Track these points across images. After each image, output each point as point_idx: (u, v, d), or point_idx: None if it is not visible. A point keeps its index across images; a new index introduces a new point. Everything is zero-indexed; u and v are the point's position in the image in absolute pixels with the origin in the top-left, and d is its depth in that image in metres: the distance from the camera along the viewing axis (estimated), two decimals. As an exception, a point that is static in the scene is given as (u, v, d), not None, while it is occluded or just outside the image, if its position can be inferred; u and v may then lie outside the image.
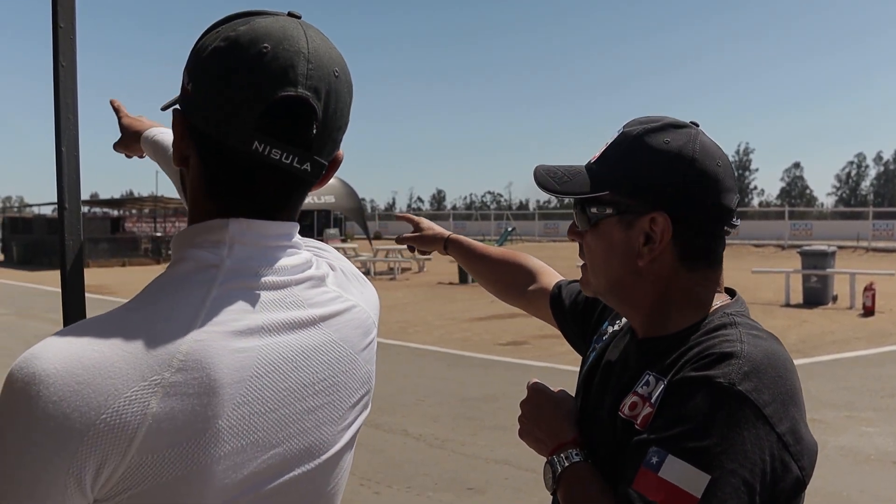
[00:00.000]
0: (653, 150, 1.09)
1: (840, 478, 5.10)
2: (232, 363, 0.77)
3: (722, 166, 1.11)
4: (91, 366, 0.71)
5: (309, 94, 0.81)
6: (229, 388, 0.77)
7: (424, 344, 10.34)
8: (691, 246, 1.11)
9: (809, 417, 1.08)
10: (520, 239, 40.35)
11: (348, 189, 26.75)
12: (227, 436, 0.77)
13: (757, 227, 35.81)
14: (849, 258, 23.52)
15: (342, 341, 0.92)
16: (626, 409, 1.07)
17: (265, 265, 0.84)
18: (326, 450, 0.90)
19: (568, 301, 1.53)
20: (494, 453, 5.53)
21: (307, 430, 0.86)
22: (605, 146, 1.16)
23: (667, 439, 0.96)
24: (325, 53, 0.84)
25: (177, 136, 0.87)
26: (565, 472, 1.10)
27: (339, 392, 0.91)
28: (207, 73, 0.82)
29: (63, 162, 1.19)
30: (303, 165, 0.83)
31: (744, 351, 0.99)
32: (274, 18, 0.84)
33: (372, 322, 1.00)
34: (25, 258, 27.59)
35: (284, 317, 0.84)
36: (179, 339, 0.75)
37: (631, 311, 1.17)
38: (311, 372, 0.87)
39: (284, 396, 0.83)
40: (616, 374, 1.18)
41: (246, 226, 0.84)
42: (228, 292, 0.81)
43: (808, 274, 13.63)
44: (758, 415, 0.95)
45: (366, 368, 0.97)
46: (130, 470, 0.72)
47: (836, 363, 8.81)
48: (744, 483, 0.91)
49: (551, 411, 1.19)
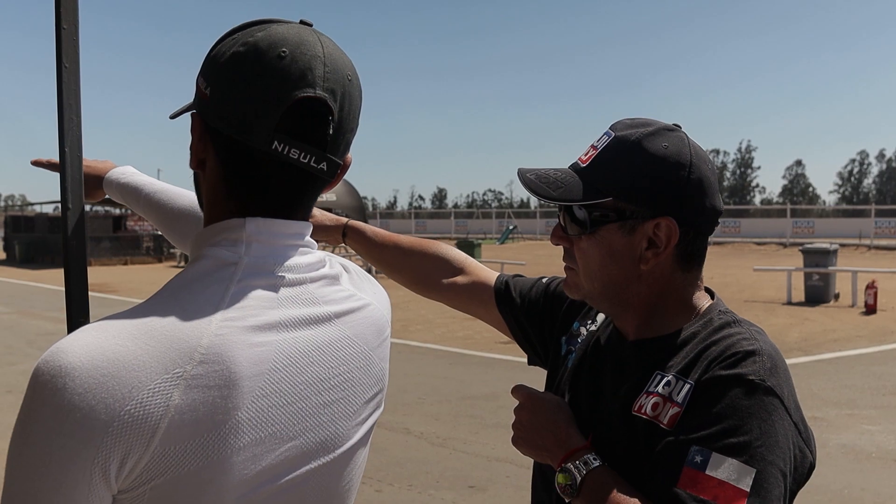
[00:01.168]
0: (653, 156, 1.10)
1: (842, 476, 5.10)
2: (251, 357, 0.80)
3: (711, 169, 1.14)
4: (115, 359, 0.74)
5: (326, 96, 0.85)
6: (248, 380, 0.79)
7: (426, 342, 10.35)
8: (690, 248, 1.14)
9: (811, 415, 1.11)
10: (521, 237, 40.32)
11: (349, 187, 26.71)
12: (247, 428, 0.79)
13: (759, 225, 35.79)
14: (851, 256, 23.49)
15: (357, 338, 0.94)
16: (648, 409, 1.06)
17: (281, 262, 0.88)
18: (342, 444, 0.92)
19: (519, 298, 1.49)
20: (496, 451, 5.54)
21: (323, 424, 0.89)
22: (594, 150, 1.15)
23: (707, 437, 0.98)
24: (339, 58, 0.88)
25: (195, 139, 0.90)
26: (588, 477, 1.06)
27: (354, 387, 0.94)
28: (227, 77, 0.85)
29: (66, 163, 1.19)
30: (319, 164, 0.86)
31: (763, 349, 1.04)
32: (289, 26, 0.88)
33: (386, 320, 1.03)
34: (27, 256, 27.62)
35: (301, 313, 0.87)
36: (200, 334, 0.78)
37: (624, 314, 1.17)
38: (327, 367, 0.89)
39: (301, 390, 0.86)
40: (609, 375, 1.17)
41: (263, 225, 0.87)
42: (246, 288, 0.84)
43: (809, 272, 13.62)
44: (783, 407, 1.01)
45: (380, 366, 1.00)
46: (154, 461, 0.74)
47: (838, 361, 8.81)
48: (780, 471, 0.97)
49: (552, 418, 1.16)
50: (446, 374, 8.53)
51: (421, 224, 48.46)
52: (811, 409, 6.56)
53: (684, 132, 1.15)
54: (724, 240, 32.24)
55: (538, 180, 1.17)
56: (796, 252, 16.41)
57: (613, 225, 1.12)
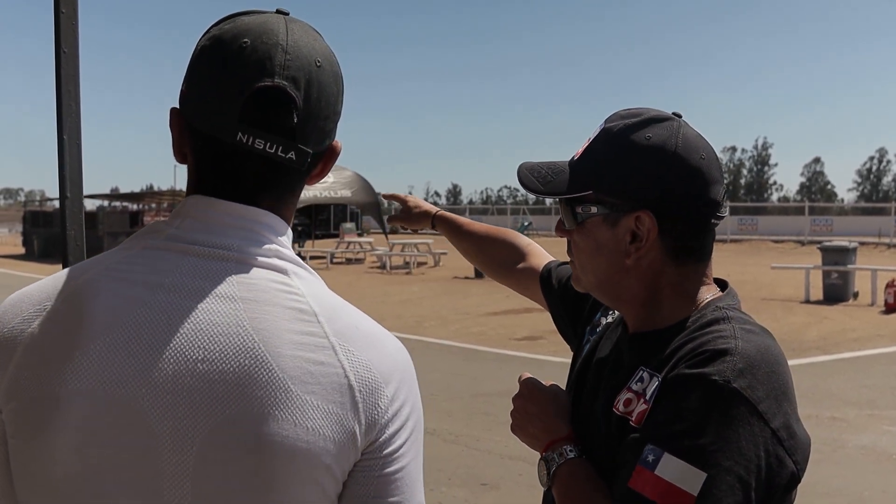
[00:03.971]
0: (634, 147, 1.08)
1: (861, 477, 5.02)
2: (112, 306, 0.81)
3: (706, 158, 1.09)
4: (23, 293, 0.86)
5: (286, 84, 0.84)
6: (101, 329, 0.80)
7: (439, 338, 10.32)
8: (679, 241, 1.10)
9: (830, 416, 1.05)
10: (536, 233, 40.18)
11: (365, 183, 26.73)
12: (86, 374, 0.79)
13: (776, 223, 35.47)
14: (870, 254, 23.20)
15: (262, 341, 0.81)
16: (621, 405, 1.07)
17: (203, 236, 0.85)
18: (176, 443, 0.79)
19: (558, 284, 1.52)
20: (509, 449, 5.50)
21: (171, 406, 0.79)
22: (587, 142, 1.15)
23: (663, 437, 0.96)
24: (306, 45, 0.87)
25: (175, 135, 0.91)
26: (560, 468, 1.09)
27: (213, 386, 0.80)
28: (196, 71, 0.87)
29: (65, 151, 1.16)
30: (287, 154, 0.85)
31: (738, 347, 0.99)
32: (258, 15, 0.88)
33: (345, 385, 0.82)
34: (46, 251, 27.86)
35: (193, 284, 0.82)
36: (78, 277, 0.84)
37: (622, 307, 1.17)
38: (201, 349, 0.80)
39: (154, 359, 0.79)
40: (609, 369, 1.17)
41: (202, 202, 0.87)
42: (149, 251, 0.85)
43: (828, 270, 13.46)
44: (752, 411, 0.95)
45: (279, 396, 0.79)
46: (10, 383, 0.81)
47: (858, 361, 8.69)
48: (739, 480, 0.92)
49: (545, 406, 1.19)
50: (460, 370, 8.50)
51: (436, 220, 48.32)
52: (830, 410, 6.47)
53: (680, 121, 1.12)
54: (742, 237, 31.98)
55: (530, 173, 1.18)
56: (814, 250, 16.19)
57: (598, 218, 1.11)
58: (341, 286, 16.37)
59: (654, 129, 1.09)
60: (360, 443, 0.84)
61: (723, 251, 27.41)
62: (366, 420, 0.83)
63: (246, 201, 0.87)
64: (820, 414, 6.35)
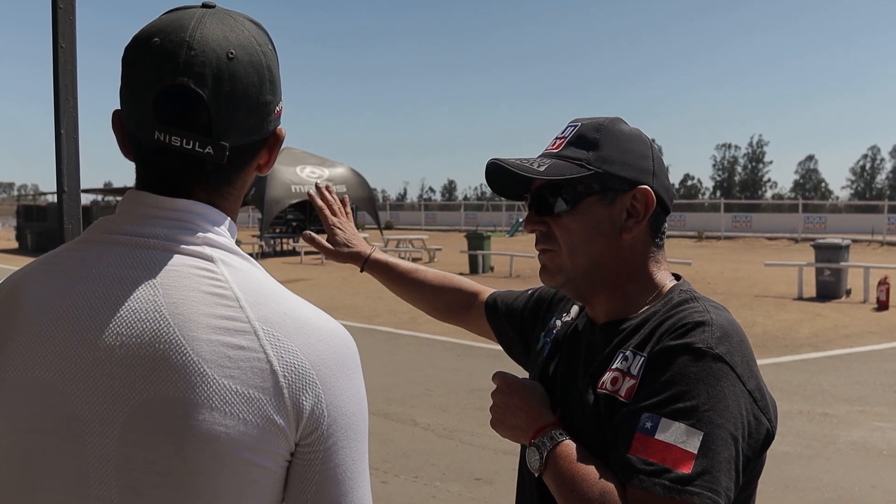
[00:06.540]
0: (624, 133, 1.22)
1: (852, 473, 5.06)
2: (40, 296, 0.85)
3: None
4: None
5: (188, 81, 0.84)
6: (31, 318, 0.84)
7: (434, 334, 10.33)
8: (659, 221, 1.23)
9: (822, 412, 1.09)
10: (531, 230, 40.13)
11: (360, 179, 26.76)
12: (15, 360, 0.83)
13: (770, 220, 35.61)
14: (863, 252, 23.30)
15: (177, 325, 0.82)
16: (608, 384, 1.12)
17: (132, 227, 0.88)
18: (101, 425, 0.82)
19: (504, 307, 1.61)
20: (503, 444, 5.52)
21: (96, 389, 0.82)
22: (563, 139, 1.22)
23: (657, 404, 1.04)
24: (216, 38, 0.86)
25: (118, 136, 0.94)
26: (553, 451, 1.12)
27: (125, 367, 0.82)
28: (122, 72, 0.89)
29: (62, 145, 1.16)
30: (205, 149, 0.86)
31: (713, 320, 1.10)
32: (179, 12, 0.89)
33: (267, 370, 0.82)
34: (39, 246, 27.77)
35: (113, 272, 0.86)
36: (21, 272, 0.90)
37: (598, 294, 1.23)
38: (114, 331, 0.82)
39: (79, 345, 0.83)
40: (582, 359, 1.23)
41: (138, 196, 0.90)
42: (82, 244, 0.90)
43: (821, 267, 13.51)
44: (733, 374, 1.05)
45: (192, 378, 0.80)
46: None
47: (850, 357, 8.73)
48: (730, 435, 1.02)
49: (526, 398, 1.22)
50: (455, 366, 8.52)
51: (431, 216, 48.14)
52: (821, 406, 6.52)
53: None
54: (736, 234, 32.07)
55: (520, 163, 1.20)
56: (808, 247, 16.27)
57: (594, 197, 1.19)
58: (336, 281, 16.35)
59: (627, 124, 1.24)
60: (290, 431, 0.83)
61: (717, 248, 27.47)
62: (293, 407, 0.83)
63: (179, 195, 0.89)
64: (812, 410, 6.40)
